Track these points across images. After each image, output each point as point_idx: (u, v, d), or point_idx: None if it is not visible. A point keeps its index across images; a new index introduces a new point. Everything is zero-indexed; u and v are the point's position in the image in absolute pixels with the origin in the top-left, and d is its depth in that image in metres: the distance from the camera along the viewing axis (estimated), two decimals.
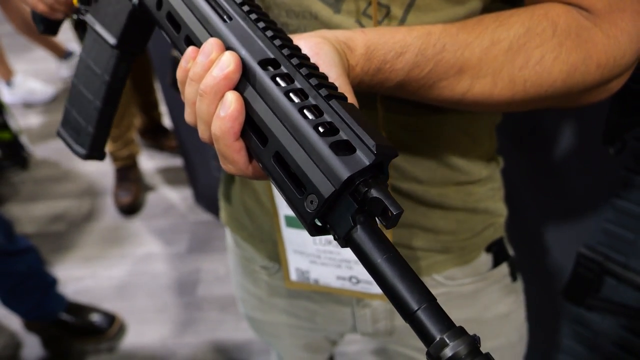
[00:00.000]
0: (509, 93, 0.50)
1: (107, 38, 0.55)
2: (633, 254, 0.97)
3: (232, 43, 0.40)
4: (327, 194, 0.33)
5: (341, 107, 0.36)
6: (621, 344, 1.08)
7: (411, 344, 0.79)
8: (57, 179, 2.63)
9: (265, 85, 0.37)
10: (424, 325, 0.31)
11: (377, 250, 0.33)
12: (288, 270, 0.73)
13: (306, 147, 0.35)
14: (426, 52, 0.47)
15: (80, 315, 1.85)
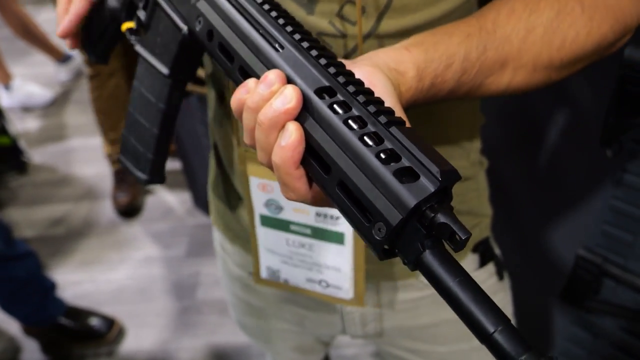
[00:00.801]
0: (548, 73, 0.52)
1: (160, 68, 0.56)
2: (631, 255, 0.98)
3: (287, 72, 0.40)
4: (395, 222, 0.33)
5: (401, 134, 0.36)
6: (620, 346, 1.08)
7: (401, 344, 0.79)
8: (55, 183, 2.62)
9: (324, 114, 0.38)
10: (502, 348, 0.31)
11: (449, 274, 0.33)
12: (259, 267, 0.73)
13: (370, 175, 0.35)
14: (470, 56, 0.48)
15: (79, 319, 1.85)
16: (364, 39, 0.54)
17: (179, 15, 0.52)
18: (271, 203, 0.66)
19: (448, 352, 0.78)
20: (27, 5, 3.68)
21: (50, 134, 2.96)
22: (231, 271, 0.83)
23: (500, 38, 0.49)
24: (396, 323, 0.76)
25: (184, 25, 0.51)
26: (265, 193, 0.65)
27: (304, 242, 0.67)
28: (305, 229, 0.66)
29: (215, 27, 0.47)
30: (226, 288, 0.89)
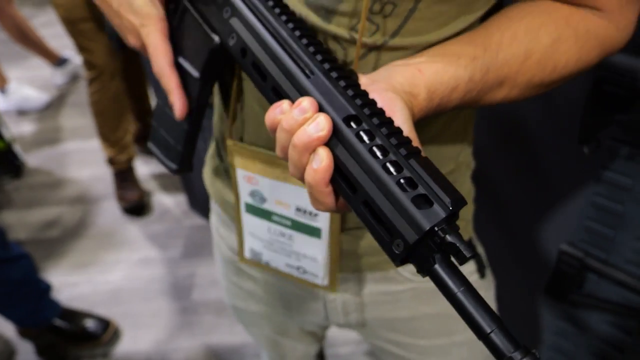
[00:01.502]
0: (537, 89, 0.58)
1: (190, 71, 0.59)
2: (613, 250, 0.99)
3: (317, 99, 0.45)
4: (412, 241, 0.39)
5: (418, 165, 0.41)
6: (606, 339, 1.09)
7: (384, 336, 0.81)
8: (50, 186, 2.64)
9: (351, 141, 0.42)
10: (497, 344, 0.37)
11: (454, 284, 0.39)
12: (243, 247, 0.77)
13: (391, 199, 0.40)
14: (474, 77, 0.52)
15: (74, 321, 1.86)
16: (375, 49, 0.55)
17: (210, 26, 0.55)
18: (255, 194, 0.70)
19: (429, 345, 0.79)
20: (24, 9, 3.70)
21: (46, 137, 2.97)
22: (225, 255, 0.86)
23: (501, 61, 0.53)
24: (377, 314, 0.78)
25: (215, 36, 0.55)
26: (250, 184, 0.69)
27: (284, 232, 0.71)
28: (285, 221, 0.70)
29: (249, 46, 0.50)
30: (220, 272, 0.91)
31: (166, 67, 0.58)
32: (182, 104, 0.59)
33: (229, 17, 0.52)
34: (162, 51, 0.57)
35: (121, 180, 2.44)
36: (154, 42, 0.57)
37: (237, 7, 0.51)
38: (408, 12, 0.53)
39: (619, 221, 0.96)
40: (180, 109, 0.59)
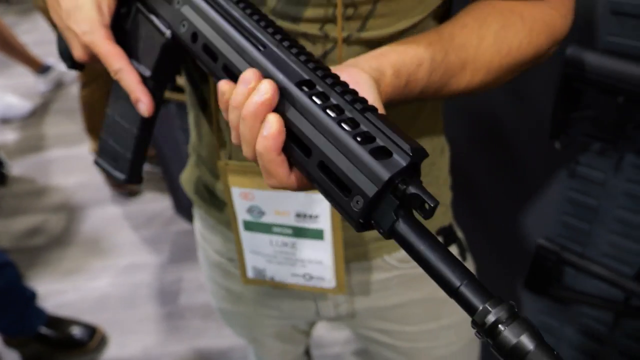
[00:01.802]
0: (497, 76, 0.60)
1: (141, 70, 0.58)
2: (589, 243, 1.01)
3: (269, 69, 0.45)
4: (372, 194, 0.38)
5: (375, 118, 0.40)
6: (586, 332, 1.11)
7: (373, 325, 0.82)
8: (35, 194, 2.62)
9: (305, 104, 0.42)
10: (467, 298, 0.35)
11: (419, 239, 0.37)
12: (245, 268, 0.77)
13: (348, 155, 0.39)
14: (436, 58, 0.54)
15: (60, 328, 1.85)
16: (343, 42, 0.58)
17: (162, 20, 0.55)
18: (253, 209, 0.70)
19: (418, 331, 0.81)
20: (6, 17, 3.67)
21: (30, 145, 2.95)
22: (211, 258, 0.86)
23: (457, 45, 0.56)
24: (367, 304, 0.79)
25: (166, 30, 0.55)
26: (247, 201, 0.69)
27: (287, 241, 0.71)
28: (287, 230, 0.70)
29: (199, 29, 0.50)
30: (207, 277, 0.91)
31: (124, 66, 0.57)
32: (148, 98, 0.57)
33: (180, 7, 0.53)
34: (114, 53, 0.57)
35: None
36: (103, 48, 0.56)
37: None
38: (368, 12, 0.55)
39: (594, 215, 0.98)
40: (146, 102, 0.57)
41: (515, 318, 0.33)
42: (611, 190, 0.94)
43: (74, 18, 0.56)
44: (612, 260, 1.00)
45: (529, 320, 0.34)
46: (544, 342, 0.33)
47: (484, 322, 0.34)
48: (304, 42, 0.57)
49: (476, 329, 0.35)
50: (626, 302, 1.00)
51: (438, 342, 0.82)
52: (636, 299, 0.98)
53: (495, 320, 0.33)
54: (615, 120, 0.86)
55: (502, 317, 0.33)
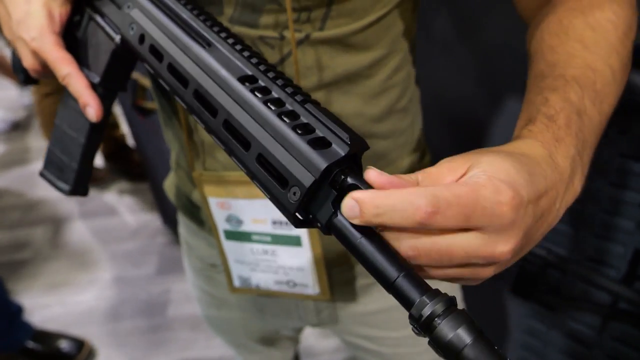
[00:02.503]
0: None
1: (91, 77, 0.58)
2: (575, 247, 1.02)
3: (213, 66, 0.45)
4: (309, 184, 0.36)
5: (315, 109, 0.40)
6: (573, 336, 1.12)
7: (357, 332, 0.82)
8: (20, 207, 2.60)
9: (245, 98, 0.42)
10: (404, 291, 0.33)
11: (357, 231, 0.35)
12: (231, 277, 0.77)
13: (286, 145, 0.38)
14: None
15: (47, 342, 1.83)
16: (303, 41, 0.58)
17: (113, 26, 0.55)
18: (231, 218, 0.70)
19: (400, 337, 0.81)
20: None
21: (13, 158, 2.93)
22: (195, 265, 0.86)
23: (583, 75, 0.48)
24: (349, 310, 0.79)
25: (116, 35, 0.55)
26: (224, 210, 0.69)
27: (266, 249, 0.71)
28: (265, 237, 0.70)
29: (146, 30, 0.51)
30: (192, 283, 0.91)
31: (72, 71, 0.56)
32: (97, 102, 0.56)
33: (130, 10, 0.53)
34: (62, 58, 0.56)
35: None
36: (51, 54, 0.56)
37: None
38: (323, 15, 0.56)
39: (579, 219, 1.00)
40: (95, 106, 0.56)
41: (452, 311, 0.32)
42: (596, 194, 0.96)
43: (24, 26, 0.56)
44: (598, 263, 1.01)
45: (466, 313, 0.32)
46: (482, 336, 0.31)
47: (420, 315, 0.32)
48: (262, 47, 0.57)
49: (413, 323, 0.33)
50: (613, 305, 1.01)
51: (421, 348, 0.82)
52: (623, 302, 1.00)
53: (430, 313, 0.32)
54: None
55: (438, 309, 0.32)
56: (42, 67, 0.58)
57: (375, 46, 0.60)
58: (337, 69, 0.60)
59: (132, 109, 1.91)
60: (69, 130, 0.62)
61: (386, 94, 0.65)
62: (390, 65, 0.63)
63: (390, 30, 0.61)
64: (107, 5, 0.56)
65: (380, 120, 0.66)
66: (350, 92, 0.62)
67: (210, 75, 0.45)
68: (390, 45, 0.62)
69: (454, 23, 1.07)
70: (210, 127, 0.44)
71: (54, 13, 0.57)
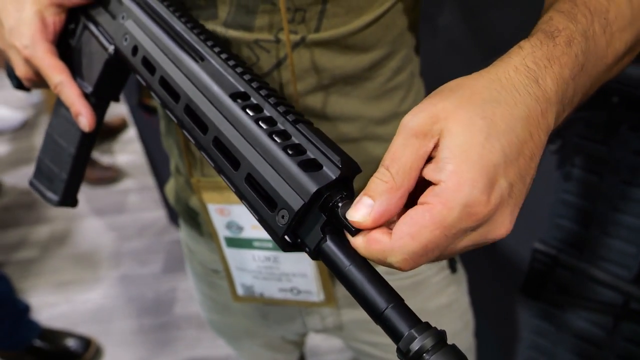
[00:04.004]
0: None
1: (84, 87, 0.57)
2: (585, 247, 1.00)
3: (205, 81, 0.44)
4: (297, 207, 0.35)
5: (308, 130, 0.39)
6: (583, 336, 1.10)
7: (362, 338, 0.81)
8: (27, 206, 2.60)
9: (237, 115, 0.41)
10: (392, 323, 0.33)
11: (346, 258, 0.34)
12: (234, 285, 0.76)
13: (276, 167, 0.37)
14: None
15: (54, 341, 1.84)
16: (299, 44, 0.56)
17: (107, 35, 0.55)
18: (231, 225, 0.69)
19: None
20: None
21: (21, 157, 2.94)
22: (197, 270, 0.86)
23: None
24: (354, 316, 0.78)
25: (109, 45, 0.54)
26: (224, 217, 0.68)
27: (268, 255, 0.70)
28: (266, 244, 0.69)
29: (140, 42, 0.50)
30: (195, 288, 0.91)
31: (64, 79, 0.55)
32: (89, 112, 0.56)
33: (125, 21, 0.52)
34: (55, 66, 0.55)
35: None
36: (43, 61, 0.55)
37: (132, 9, 0.52)
38: (319, 14, 0.54)
39: (590, 218, 0.98)
40: (87, 116, 0.55)
41: (443, 346, 0.31)
42: (607, 192, 0.94)
43: (16, 33, 0.55)
44: (609, 263, 0.99)
45: (456, 349, 0.31)
46: None
47: (408, 349, 0.31)
48: (258, 51, 0.56)
49: (401, 358, 0.32)
50: (625, 305, 1.00)
51: None
52: (635, 302, 0.98)
53: (419, 347, 0.31)
54: (610, 121, 0.86)
55: (427, 344, 0.31)
56: (34, 75, 0.57)
57: (374, 47, 0.58)
58: (335, 71, 0.58)
59: (137, 107, 1.90)
60: (60, 139, 0.61)
61: (388, 95, 0.63)
62: (391, 66, 0.61)
63: (390, 30, 0.59)
64: (101, 15, 0.56)
65: (383, 122, 0.64)
66: (350, 94, 0.60)
67: (201, 91, 0.44)
68: (391, 46, 0.60)
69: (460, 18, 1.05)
70: (200, 143, 0.43)
71: (48, 21, 0.56)
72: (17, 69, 0.57)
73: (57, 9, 0.56)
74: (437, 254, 0.35)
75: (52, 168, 0.63)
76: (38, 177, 0.65)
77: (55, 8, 0.56)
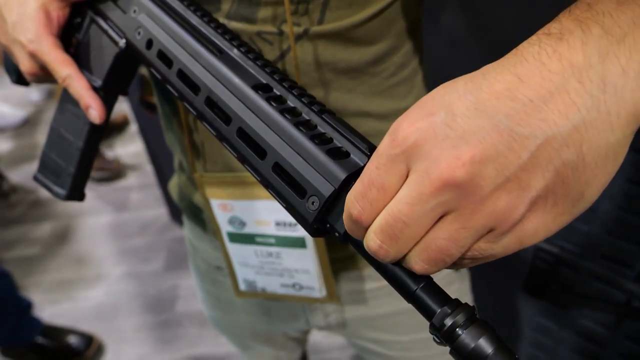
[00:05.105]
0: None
1: (92, 81, 0.57)
2: (588, 245, 1.00)
3: (225, 73, 0.44)
4: (328, 194, 0.36)
5: (332, 119, 0.40)
6: (585, 334, 1.10)
7: (365, 335, 0.81)
8: (29, 203, 2.61)
9: (261, 107, 0.41)
10: (425, 301, 0.33)
11: None
12: (237, 281, 0.76)
13: (305, 155, 0.38)
14: None
15: (56, 338, 1.84)
16: (298, 38, 0.56)
17: (117, 29, 0.54)
18: (234, 220, 0.69)
19: (410, 341, 0.80)
20: None
21: (23, 154, 2.94)
22: (200, 267, 0.86)
23: None
24: (357, 313, 0.78)
25: (120, 39, 0.54)
26: (226, 212, 0.68)
27: (271, 251, 0.70)
28: (269, 239, 0.69)
29: (155, 36, 0.50)
30: (197, 285, 0.91)
31: (72, 72, 0.55)
32: (99, 104, 0.55)
33: (137, 15, 0.52)
34: (62, 60, 0.55)
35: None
36: (49, 55, 0.55)
37: (143, 3, 0.52)
38: (322, 6, 0.54)
39: (593, 216, 0.98)
40: (97, 108, 0.55)
41: (474, 321, 0.32)
42: (611, 191, 0.94)
43: (20, 28, 0.55)
44: (612, 261, 0.99)
45: (488, 323, 0.32)
46: (503, 345, 0.31)
47: (442, 325, 0.32)
48: (261, 43, 0.56)
49: (434, 333, 0.33)
50: (627, 303, 1.00)
51: (431, 352, 0.81)
52: (637, 301, 0.98)
53: (452, 323, 0.32)
54: None
55: (460, 320, 0.32)
56: (40, 69, 0.57)
57: (377, 41, 0.59)
58: (338, 64, 0.58)
59: (139, 104, 1.90)
60: (66, 133, 0.61)
61: (391, 91, 0.63)
62: (394, 61, 0.61)
63: (393, 24, 0.59)
64: (110, 9, 0.55)
65: (386, 118, 0.64)
66: (353, 89, 0.60)
67: (223, 83, 0.44)
68: (395, 40, 0.60)
69: (463, 15, 1.05)
70: (222, 134, 0.44)
71: (52, 15, 0.56)
72: (22, 64, 0.57)
73: (61, 3, 0.56)
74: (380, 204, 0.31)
75: (58, 162, 0.63)
76: (43, 172, 0.65)
77: (59, 2, 0.56)
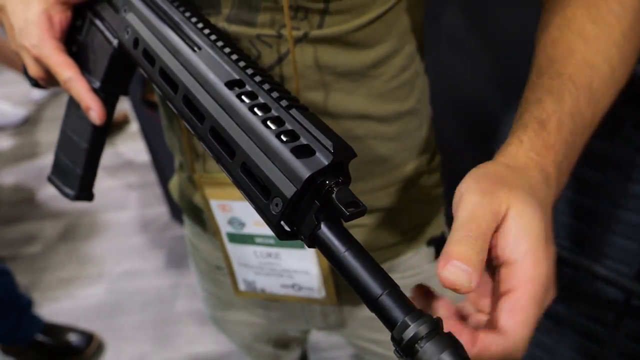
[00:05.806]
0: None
1: (91, 81, 0.58)
2: (588, 244, 1.01)
3: (201, 69, 0.44)
4: (290, 195, 0.35)
5: (300, 115, 0.38)
6: (584, 333, 1.10)
7: (364, 335, 0.82)
8: (29, 201, 2.61)
9: (232, 104, 0.40)
10: (386, 310, 0.32)
11: (341, 245, 0.34)
12: (236, 281, 0.76)
13: (269, 154, 0.37)
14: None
15: (57, 335, 1.84)
16: (297, 42, 0.56)
17: (111, 30, 0.55)
18: (234, 221, 0.69)
19: None
20: None
21: (24, 153, 2.94)
22: (201, 266, 0.86)
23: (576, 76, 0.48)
24: (356, 314, 0.79)
25: (114, 39, 0.55)
26: (226, 213, 0.69)
27: (270, 251, 0.70)
28: (268, 240, 0.69)
29: (140, 34, 0.50)
30: (199, 285, 0.91)
31: (73, 75, 0.56)
32: (99, 105, 0.56)
33: (126, 14, 0.53)
34: (63, 63, 0.56)
35: None
36: (52, 59, 0.55)
37: (132, 1, 0.52)
38: (321, 11, 0.54)
39: (593, 215, 0.98)
40: (97, 109, 0.56)
41: (437, 334, 0.30)
42: (609, 189, 0.94)
43: (25, 33, 0.55)
44: (611, 260, 1.00)
45: (452, 336, 0.30)
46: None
47: (402, 337, 0.30)
48: (260, 46, 0.56)
49: (395, 346, 0.31)
50: (626, 302, 1.00)
51: None
52: (637, 299, 0.98)
53: (413, 335, 0.30)
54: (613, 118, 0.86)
55: (422, 332, 0.30)
56: (45, 73, 0.58)
57: (378, 44, 0.58)
58: (338, 68, 0.58)
59: (141, 103, 1.90)
60: (73, 135, 0.62)
61: (392, 94, 0.63)
62: (395, 64, 0.61)
63: (394, 27, 0.59)
64: (106, 9, 0.56)
65: (386, 121, 0.64)
66: (353, 92, 0.60)
67: (198, 80, 0.44)
68: (395, 43, 0.60)
69: (463, 15, 1.06)
70: (198, 133, 0.43)
71: (54, 19, 0.56)
72: (29, 68, 0.58)
73: (63, 7, 0.57)
74: None
75: (67, 163, 0.64)
76: (55, 173, 0.66)
77: (61, 6, 0.57)
